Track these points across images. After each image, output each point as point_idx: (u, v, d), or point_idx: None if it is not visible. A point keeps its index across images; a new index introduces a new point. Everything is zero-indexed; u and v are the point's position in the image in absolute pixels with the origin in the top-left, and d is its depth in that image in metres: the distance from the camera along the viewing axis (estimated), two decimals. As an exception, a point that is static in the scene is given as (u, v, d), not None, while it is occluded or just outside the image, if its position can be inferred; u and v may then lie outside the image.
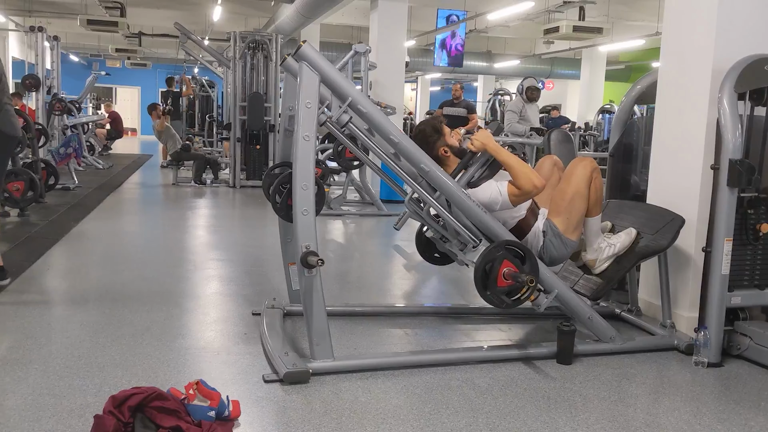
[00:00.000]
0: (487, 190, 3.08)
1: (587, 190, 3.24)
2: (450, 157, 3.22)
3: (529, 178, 3.03)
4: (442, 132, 3.23)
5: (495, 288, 2.90)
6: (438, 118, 3.35)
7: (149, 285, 4.20)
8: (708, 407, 2.69)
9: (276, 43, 9.61)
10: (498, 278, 2.89)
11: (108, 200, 7.83)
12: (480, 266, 2.89)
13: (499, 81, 23.27)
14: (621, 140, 4.16)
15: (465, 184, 3.08)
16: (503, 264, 2.89)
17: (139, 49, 17.87)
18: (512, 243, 3.00)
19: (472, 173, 3.12)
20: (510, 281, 2.90)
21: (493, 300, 2.93)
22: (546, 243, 3.20)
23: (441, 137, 3.22)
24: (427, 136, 3.22)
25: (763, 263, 3.27)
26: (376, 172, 3.36)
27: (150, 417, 2.22)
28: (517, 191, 3.05)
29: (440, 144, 3.21)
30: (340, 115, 2.87)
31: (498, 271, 2.89)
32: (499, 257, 2.90)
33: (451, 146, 3.23)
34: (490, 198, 3.07)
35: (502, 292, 2.92)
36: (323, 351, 2.82)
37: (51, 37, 11.03)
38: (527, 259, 2.96)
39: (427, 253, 3.53)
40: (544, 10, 11.87)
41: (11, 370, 2.73)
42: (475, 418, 2.50)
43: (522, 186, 3.03)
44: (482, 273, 2.89)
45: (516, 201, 3.09)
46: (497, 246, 2.95)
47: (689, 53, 3.47)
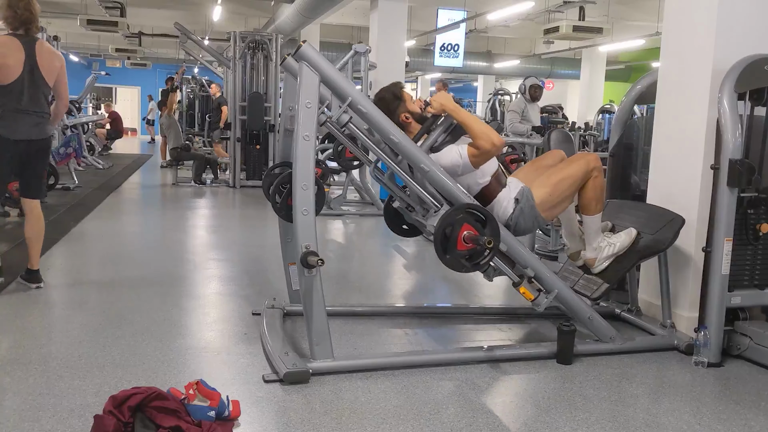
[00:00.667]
0: (448, 155, 3.04)
1: (580, 180, 3.20)
2: (411, 123, 3.17)
3: (488, 136, 2.97)
4: (402, 98, 3.18)
5: (455, 251, 2.84)
6: (398, 84, 3.29)
7: (149, 285, 4.20)
8: (708, 407, 2.69)
9: (276, 43, 9.60)
10: (458, 242, 2.83)
11: (108, 200, 7.83)
12: (440, 229, 2.83)
13: (499, 81, 23.26)
14: (621, 140, 4.15)
15: (427, 149, 3.03)
16: (463, 227, 2.83)
17: (139, 49, 17.87)
18: (473, 206, 2.93)
19: (435, 138, 3.07)
20: (470, 245, 2.84)
21: (454, 264, 2.88)
22: (517, 211, 3.14)
23: (402, 103, 3.18)
24: (388, 102, 3.17)
25: (763, 263, 3.27)
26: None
27: (150, 417, 2.23)
28: (476, 151, 2.99)
29: (401, 110, 3.17)
30: (340, 115, 2.87)
31: (458, 234, 2.82)
32: (459, 220, 2.83)
33: (413, 112, 3.18)
34: (452, 162, 3.02)
35: (462, 256, 2.86)
36: (323, 351, 2.82)
37: (51, 37, 11.02)
38: (488, 223, 2.90)
39: (395, 224, 3.47)
40: (544, 10, 11.87)
41: (11, 370, 2.73)
42: (475, 418, 2.50)
43: (481, 145, 2.98)
44: (442, 236, 2.83)
45: (476, 162, 3.03)
46: (457, 209, 2.89)
47: (689, 53, 3.47)
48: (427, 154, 3.00)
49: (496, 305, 4.12)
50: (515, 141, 7.89)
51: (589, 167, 3.22)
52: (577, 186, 3.22)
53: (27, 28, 3.74)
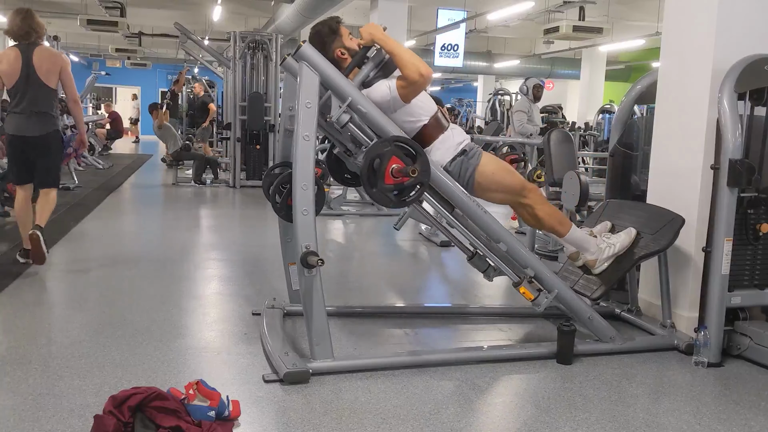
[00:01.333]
0: (378, 89, 2.97)
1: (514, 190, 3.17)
2: (347, 59, 3.05)
3: (415, 66, 2.90)
4: (339, 32, 3.08)
5: (382, 185, 2.78)
6: (336, 17, 3.18)
7: (149, 285, 4.21)
8: (708, 407, 2.69)
9: (276, 43, 9.61)
10: (386, 175, 2.77)
11: (108, 200, 7.83)
12: (367, 160, 2.76)
13: (499, 81, 23.26)
14: (621, 140, 4.15)
15: (359, 84, 2.97)
16: (391, 160, 2.76)
17: (139, 49, 17.86)
18: (402, 139, 2.86)
19: (367, 73, 3.00)
20: (398, 178, 2.77)
21: (380, 198, 2.81)
22: (458, 161, 3.07)
23: (338, 37, 3.07)
24: (324, 36, 3.05)
25: (763, 263, 3.27)
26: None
27: (150, 417, 2.23)
28: (404, 82, 2.93)
29: (337, 45, 3.06)
30: (340, 115, 2.87)
31: (386, 167, 2.75)
32: (387, 153, 2.76)
33: (349, 48, 3.08)
34: (382, 96, 2.95)
35: (389, 190, 2.80)
36: (323, 351, 2.82)
37: (51, 37, 11.03)
38: (418, 157, 2.83)
39: (337, 173, 3.40)
40: (544, 10, 11.87)
41: (11, 370, 2.73)
42: (475, 418, 2.50)
43: (408, 75, 2.91)
44: (369, 168, 2.77)
45: (405, 94, 2.95)
46: (385, 141, 2.81)
47: (689, 53, 3.47)
48: (358, 89, 2.94)
49: (496, 305, 4.12)
50: (515, 141, 7.89)
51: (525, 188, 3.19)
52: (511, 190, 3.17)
53: (25, 38, 4.21)
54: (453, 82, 28.09)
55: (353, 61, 3.04)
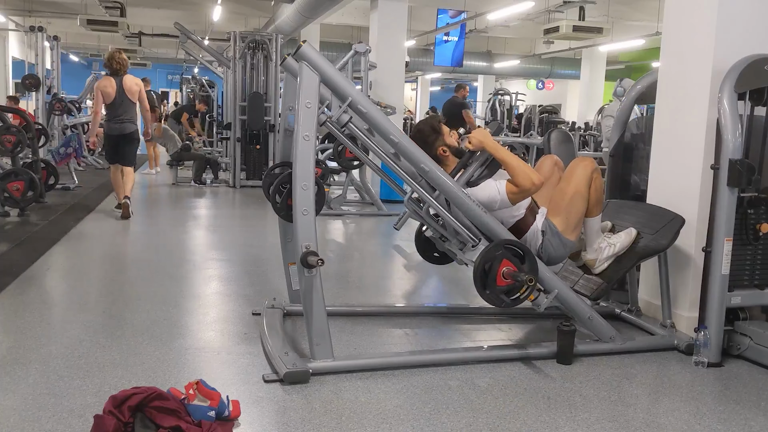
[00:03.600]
0: (486, 189, 3.08)
1: (587, 190, 3.24)
2: (449, 157, 3.23)
3: (528, 175, 3.02)
4: (440, 131, 3.23)
5: (494, 287, 2.90)
6: (436, 117, 3.34)
7: (149, 285, 4.21)
8: (708, 407, 2.69)
9: (276, 43, 9.60)
10: (497, 277, 2.89)
11: (108, 200, 7.82)
12: (479, 265, 2.88)
13: (499, 81, 23.27)
14: (621, 140, 4.15)
15: (464, 184, 3.08)
16: (502, 263, 2.89)
17: (139, 49, 17.89)
18: (511, 242, 3.00)
19: (471, 173, 3.12)
20: (509, 280, 2.89)
21: (493, 299, 2.93)
22: (545, 242, 3.20)
23: (440, 137, 3.23)
24: (426, 135, 3.22)
25: (763, 263, 3.27)
26: (376, 171, 3.36)
27: (150, 417, 2.23)
28: (516, 189, 3.05)
29: (439, 143, 3.22)
30: (340, 115, 2.87)
31: (497, 270, 2.88)
32: (498, 256, 2.90)
33: (450, 146, 3.23)
34: (489, 197, 3.07)
35: (501, 291, 2.91)
36: (323, 351, 2.82)
37: (51, 37, 11.03)
38: (526, 258, 2.96)
39: (426, 252, 3.54)
40: (544, 10, 11.87)
41: (11, 370, 2.73)
42: (475, 418, 2.50)
43: (520, 184, 3.03)
44: (482, 272, 2.89)
45: (514, 199, 3.09)
46: (496, 245, 2.94)
47: (689, 53, 3.47)
48: (464, 188, 3.04)
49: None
50: (515, 141, 7.89)
51: (589, 173, 3.24)
52: (586, 196, 3.25)
53: (117, 72, 6.55)
54: (453, 82, 28.09)
55: (460, 163, 3.18)
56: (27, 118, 7.35)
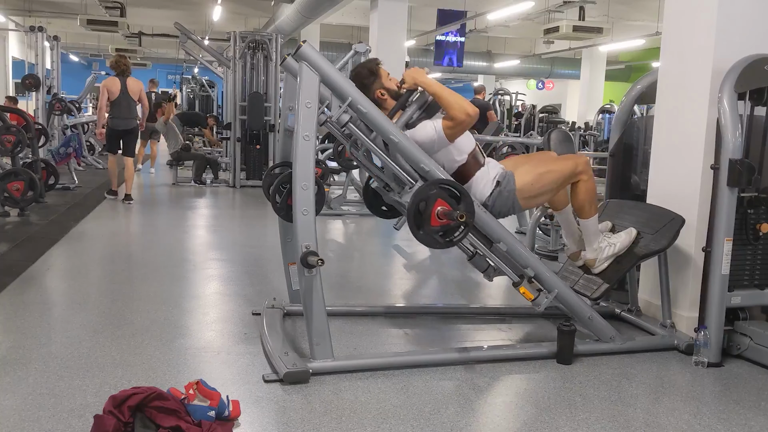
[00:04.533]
0: (423, 130, 3.01)
1: (565, 178, 3.19)
2: (387, 100, 3.13)
3: (462, 106, 2.94)
4: (378, 74, 3.15)
5: (428, 227, 2.82)
6: (375, 60, 3.24)
7: (149, 285, 4.21)
8: (708, 407, 2.69)
9: (276, 43, 9.61)
10: (432, 217, 2.80)
11: (108, 200, 7.83)
12: (413, 204, 2.80)
13: (499, 81, 23.27)
14: (621, 140, 4.15)
15: (402, 125, 3.01)
16: (437, 203, 2.80)
17: (139, 49, 17.90)
18: (447, 182, 2.91)
19: (410, 114, 3.05)
20: (444, 220, 2.80)
21: (427, 240, 2.85)
22: (495, 193, 3.12)
23: (377, 79, 3.14)
24: (364, 78, 3.13)
25: (763, 263, 3.27)
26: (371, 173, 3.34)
27: (150, 417, 2.23)
28: (450, 123, 2.97)
29: (377, 86, 3.13)
30: (340, 115, 2.87)
31: (431, 210, 2.80)
32: (432, 195, 2.80)
33: (388, 89, 3.14)
34: (427, 136, 2.99)
35: (435, 232, 2.83)
36: (323, 351, 2.82)
37: (51, 37, 11.03)
38: (462, 199, 2.86)
39: (375, 206, 3.45)
40: (544, 10, 11.87)
41: (11, 370, 2.73)
42: (475, 418, 2.50)
43: (455, 116, 2.95)
44: (415, 211, 2.80)
45: (451, 134, 2.99)
46: (430, 184, 2.85)
47: (689, 53, 3.47)
48: (402, 130, 2.97)
49: (496, 305, 4.12)
50: (515, 141, 7.89)
51: (577, 169, 3.21)
52: (560, 182, 3.20)
53: (122, 73, 7.46)
54: (453, 82, 28.09)
55: (397, 104, 3.10)
56: (27, 118, 7.35)
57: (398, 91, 3.14)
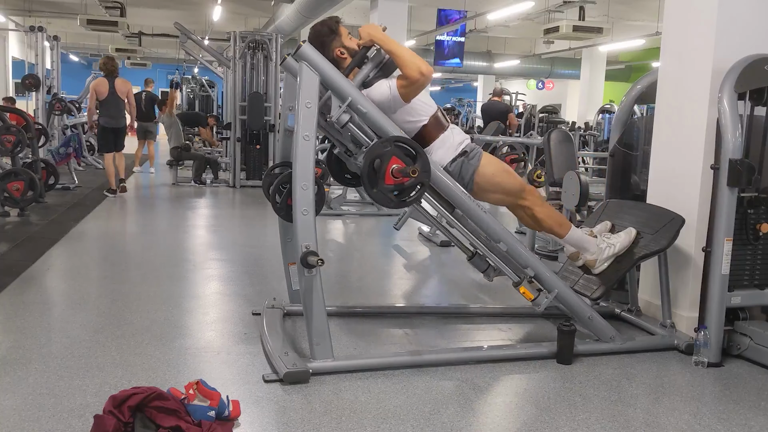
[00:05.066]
0: (378, 89, 2.97)
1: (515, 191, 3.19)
2: (346, 59, 3.05)
3: (416, 64, 2.89)
4: (338, 32, 3.07)
5: (383, 185, 2.78)
6: (335, 17, 3.17)
7: (149, 285, 4.21)
8: (708, 407, 2.69)
9: (276, 43, 9.61)
10: (386, 175, 2.77)
11: (108, 200, 7.83)
12: (367, 162, 2.76)
13: (499, 81, 23.27)
14: (621, 140, 4.15)
15: (359, 84, 2.97)
16: (391, 160, 2.76)
17: (139, 49, 17.88)
18: (402, 139, 2.86)
19: (367, 73, 3.00)
20: (399, 178, 2.76)
21: (380, 198, 2.81)
22: (459, 162, 3.07)
23: (337, 37, 3.06)
24: (323, 35, 3.03)
25: (763, 263, 3.27)
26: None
27: (150, 417, 2.23)
28: (404, 82, 2.92)
29: (336, 44, 3.05)
30: (340, 115, 2.87)
31: (386, 168, 2.75)
32: (386, 153, 2.76)
33: (348, 47, 3.07)
34: (382, 95, 2.95)
35: (390, 190, 2.79)
36: (323, 351, 2.82)
37: (51, 37, 11.04)
38: (419, 158, 2.82)
39: (338, 174, 3.41)
40: (544, 9, 11.87)
41: (11, 370, 2.73)
42: (475, 418, 2.50)
43: (409, 75, 2.89)
44: (369, 169, 2.76)
45: (405, 93, 2.94)
46: (385, 141, 2.81)
47: (689, 53, 3.47)
48: (358, 89, 2.93)
49: (496, 305, 4.12)
50: (515, 141, 7.88)
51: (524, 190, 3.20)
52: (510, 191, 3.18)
53: (110, 74, 7.92)
54: (453, 82, 28.10)
55: (353, 62, 3.03)
56: (27, 118, 7.35)
57: (358, 51, 3.07)
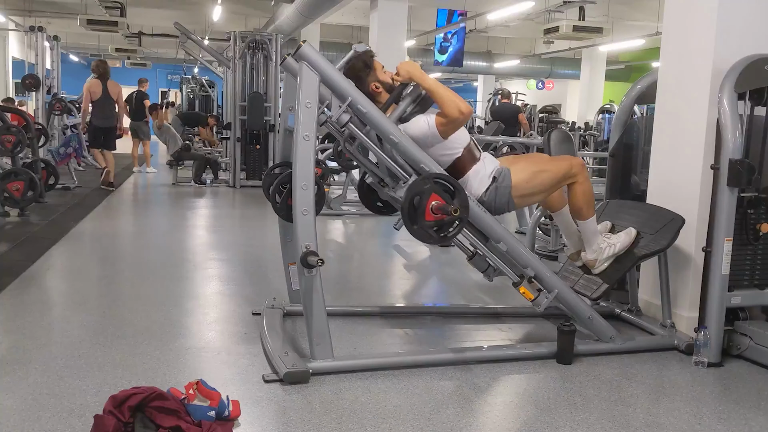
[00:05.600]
0: (416, 125, 2.99)
1: (559, 179, 3.18)
2: (381, 93, 3.11)
3: (455, 103, 2.93)
4: (372, 67, 3.12)
5: (423, 222, 2.80)
6: (369, 52, 3.21)
7: (149, 285, 4.21)
8: (708, 407, 2.69)
9: (276, 43, 9.61)
10: (426, 212, 2.79)
11: (108, 200, 7.84)
12: (407, 198, 2.78)
13: (499, 81, 23.26)
14: (621, 140, 4.15)
15: (396, 120, 3.00)
16: (431, 197, 2.78)
17: (139, 48, 17.86)
18: (441, 176, 2.89)
19: (404, 108, 3.03)
20: (438, 215, 2.79)
21: (421, 235, 2.83)
22: (492, 189, 3.10)
23: (372, 72, 3.12)
24: (358, 71, 3.10)
25: (763, 263, 3.27)
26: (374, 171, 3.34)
27: (150, 417, 2.23)
28: (444, 119, 2.95)
29: (371, 79, 3.11)
30: (340, 115, 2.87)
31: (426, 204, 2.78)
32: (426, 190, 2.78)
33: (383, 81, 3.12)
34: (420, 131, 2.97)
35: (429, 227, 2.81)
36: (323, 351, 2.82)
37: (51, 37, 11.04)
38: (457, 194, 2.84)
39: (369, 201, 3.44)
40: (544, 9, 11.86)
41: (11, 370, 2.73)
42: (475, 418, 2.50)
43: (448, 113, 2.93)
44: (410, 206, 2.78)
45: (444, 131, 2.97)
46: (425, 178, 2.83)
47: (689, 53, 3.47)
48: (395, 124, 2.96)
49: (496, 305, 4.12)
50: (515, 141, 7.89)
51: (572, 171, 3.20)
52: (555, 183, 3.19)
53: (102, 76, 8.46)
54: (453, 82, 28.09)
55: (391, 98, 3.08)
56: (27, 118, 7.35)
57: (392, 84, 3.11)
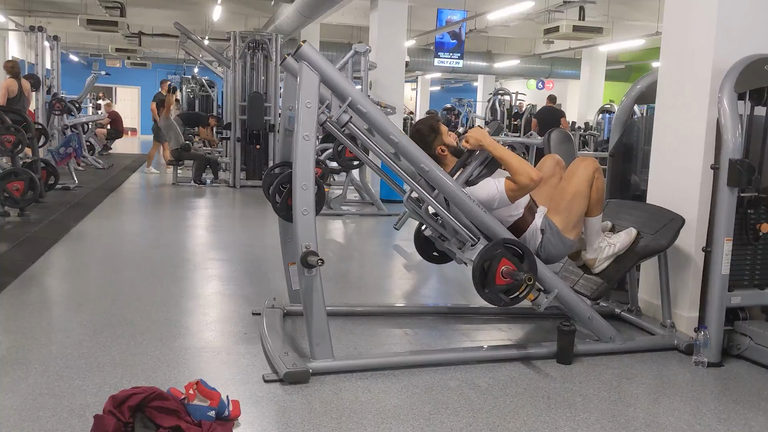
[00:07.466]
0: (485, 188, 3.08)
1: (588, 189, 3.24)
2: (447, 156, 3.24)
3: (527, 171, 3.02)
4: (439, 131, 3.24)
5: (493, 286, 2.90)
6: (435, 116, 3.37)
7: (149, 285, 4.20)
8: (708, 407, 2.69)
9: (276, 43, 9.61)
10: (496, 276, 2.89)
11: (108, 200, 7.83)
12: (478, 264, 2.89)
13: (499, 81, 23.26)
14: (621, 140, 4.15)
15: (463, 183, 3.08)
16: (501, 262, 2.89)
17: (139, 48, 17.85)
18: (510, 241, 3.00)
19: (471, 171, 3.12)
20: (508, 279, 2.89)
21: (492, 298, 2.93)
22: (544, 241, 3.20)
23: (438, 136, 3.23)
24: (425, 135, 3.23)
25: (763, 263, 3.27)
26: (376, 171, 3.36)
27: (150, 417, 2.23)
28: (515, 186, 3.05)
29: (437, 143, 3.23)
30: (340, 115, 2.87)
31: (496, 269, 2.89)
32: (497, 255, 2.90)
33: (448, 145, 3.24)
34: (489, 195, 3.07)
35: (500, 290, 2.92)
36: (323, 351, 2.82)
37: (51, 37, 11.03)
38: (525, 257, 2.96)
39: (425, 251, 3.54)
40: (544, 9, 11.86)
41: (11, 370, 2.73)
42: (475, 418, 2.50)
43: (519, 181, 3.03)
44: (480, 271, 2.89)
45: (513, 196, 3.08)
46: (495, 244, 2.95)
47: (689, 53, 3.47)
48: (463, 187, 3.04)
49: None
50: (515, 141, 7.89)
51: (591, 173, 3.25)
52: (587, 196, 3.26)
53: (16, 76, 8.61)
54: (453, 82, 28.09)
55: (459, 162, 3.19)
56: (27, 118, 7.35)
57: (457, 147, 3.24)
